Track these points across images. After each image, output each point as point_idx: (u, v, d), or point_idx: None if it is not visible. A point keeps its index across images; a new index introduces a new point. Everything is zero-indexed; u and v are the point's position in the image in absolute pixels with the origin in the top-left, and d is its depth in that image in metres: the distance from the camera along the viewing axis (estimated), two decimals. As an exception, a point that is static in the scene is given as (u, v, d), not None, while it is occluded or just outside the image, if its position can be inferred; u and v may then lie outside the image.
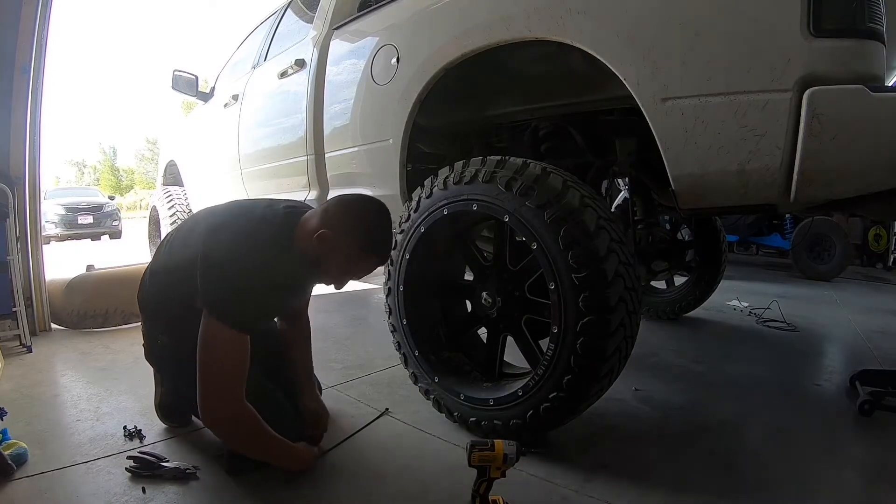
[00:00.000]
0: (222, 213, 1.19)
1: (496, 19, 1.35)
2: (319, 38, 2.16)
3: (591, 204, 1.14)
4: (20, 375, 1.79)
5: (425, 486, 1.11)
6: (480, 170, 1.25)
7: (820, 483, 1.15)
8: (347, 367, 1.88)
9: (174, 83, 3.18)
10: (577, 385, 1.12)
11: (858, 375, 1.65)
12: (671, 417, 1.50)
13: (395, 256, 1.46)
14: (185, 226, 1.26)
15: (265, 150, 2.56)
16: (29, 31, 2.23)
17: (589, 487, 1.11)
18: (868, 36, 0.93)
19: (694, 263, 2.57)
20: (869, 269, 5.06)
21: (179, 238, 1.23)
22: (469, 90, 1.68)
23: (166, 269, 1.21)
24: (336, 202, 1.16)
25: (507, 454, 0.89)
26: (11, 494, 1.06)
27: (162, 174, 4.17)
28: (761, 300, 3.05)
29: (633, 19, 1.11)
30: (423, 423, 1.42)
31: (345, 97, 1.97)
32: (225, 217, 1.16)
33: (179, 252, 1.18)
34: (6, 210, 2.17)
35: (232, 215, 1.17)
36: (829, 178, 0.95)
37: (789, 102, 0.94)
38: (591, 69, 1.30)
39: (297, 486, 1.11)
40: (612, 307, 1.08)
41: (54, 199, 9.65)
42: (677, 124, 1.07)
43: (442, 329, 1.49)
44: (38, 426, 1.37)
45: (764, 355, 2.15)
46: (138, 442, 1.29)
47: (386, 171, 1.78)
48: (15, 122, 2.25)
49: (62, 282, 2.50)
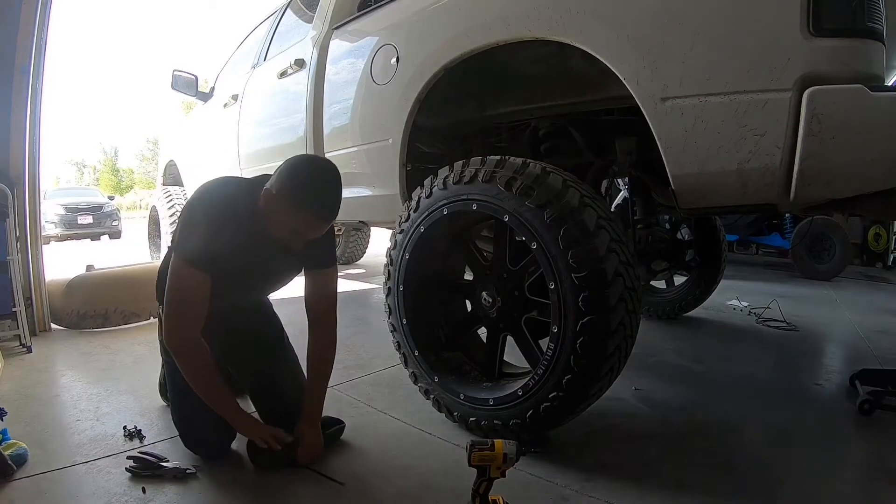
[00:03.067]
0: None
1: (496, 19, 1.35)
2: (319, 38, 2.16)
3: (591, 204, 1.14)
4: (20, 375, 1.79)
5: (425, 486, 1.11)
6: (480, 170, 1.25)
7: (820, 483, 1.15)
8: (347, 367, 1.88)
9: (174, 83, 3.18)
10: (577, 385, 1.12)
11: (858, 375, 1.65)
12: (671, 417, 1.50)
13: (395, 256, 1.46)
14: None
15: (265, 150, 2.56)
16: (29, 31, 2.23)
17: (589, 487, 1.11)
18: (868, 36, 0.93)
19: (694, 263, 2.57)
20: (869, 269, 5.06)
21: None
22: (469, 90, 1.68)
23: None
24: (284, 163, 1.17)
25: (507, 454, 0.89)
26: (11, 494, 1.06)
27: (162, 174, 4.17)
28: (761, 300, 3.05)
29: (632, 19, 1.11)
30: (423, 423, 1.42)
31: (344, 97, 1.97)
32: (206, 183, 1.22)
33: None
34: (6, 210, 2.17)
35: (212, 181, 1.23)
36: (829, 177, 0.95)
37: (789, 102, 0.94)
38: (590, 69, 1.30)
39: (297, 487, 1.11)
40: (612, 307, 1.08)
41: (54, 199, 9.64)
42: (677, 124, 1.07)
43: (442, 329, 1.49)
44: (38, 426, 1.37)
45: (764, 355, 2.15)
46: (138, 442, 1.29)
47: (386, 171, 1.78)
48: (15, 121, 2.25)
49: (62, 282, 2.50)
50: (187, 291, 1.12)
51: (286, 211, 1.12)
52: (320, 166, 1.18)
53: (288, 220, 1.13)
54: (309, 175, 1.14)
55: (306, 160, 1.22)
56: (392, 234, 1.49)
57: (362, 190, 1.96)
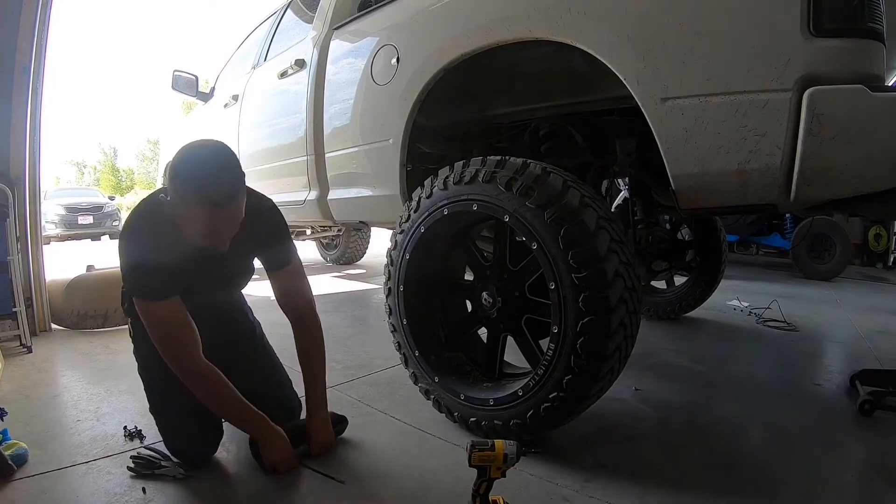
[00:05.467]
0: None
1: (496, 19, 1.35)
2: (319, 38, 2.16)
3: (591, 204, 1.14)
4: (20, 376, 1.79)
5: (426, 486, 1.11)
6: (480, 170, 1.25)
7: (820, 483, 1.15)
8: (348, 367, 1.88)
9: (174, 83, 3.18)
10: (578, 385, 1.12)
11: (858, 375, 1.65)
12: (671, 417, 1.50)
13: (395, 257, 1.46)
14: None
15: (265, 151, 2.56)
16: (29, 31, 2.23)
17: (589, 487, 1.11)
18: (868, 36, 0.93)
19: (694, 263, 2.57)
20: (869, 269, 5.06)
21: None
22: (469, 90, 1.68)
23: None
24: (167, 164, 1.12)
25: (507, 454, 0.89)
26: (11, 495, 1.06)
27: (162, 174, 4.17)
28: (761, 300, 3.05)
29: (632, 19, 1.11)
30: (423, 423, 1.42)
31: (345, 97, 1.97)
32: (128, 215, 1.18)
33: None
34: (6, 210, 2.18)
35: (132, 211, 1.18)
36: (829, 177, 0.95)
37: (789, 102, 0.94)
38: (591, 69, 1.30)
39: (297, 486, 1.11)
40: (612, 307, 1.08)
41: (54, 200, 9.66)
42: (677, 124, 1.07)
43: (442, 329, 1.49)
44: (39, 426, 1.38)
45: (764, 355, 2.15)
46: (138, 442, 1.29)
47: (386, 171, 1.78)
48: (15, 122, 2.26)
49: (62, 282, 2.50)
50: (168, 324, 1.08)
51: (185, 215, 1.04)
52: (193, 152, 1.05)
53: (192, 222, 1.04)
54: (185, 167, 1.02)
55: (179, 152, 1.05)
56: (392, 235, 1.49)
57: (362, 190, 1.96)
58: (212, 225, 1.05)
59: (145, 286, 1.08)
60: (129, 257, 1.09)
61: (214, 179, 1.01)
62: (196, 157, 1.04)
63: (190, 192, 1.01)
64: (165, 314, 1.08)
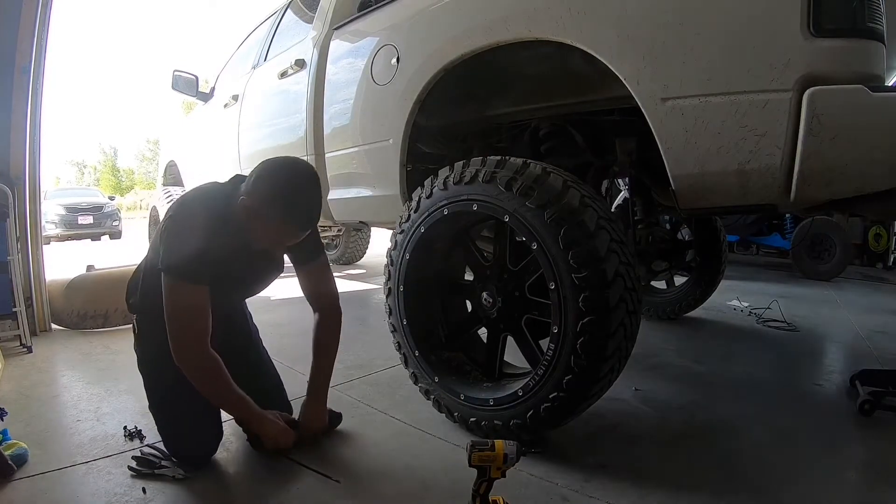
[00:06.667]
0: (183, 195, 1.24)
1: (496, 19, 1.35)
2: (319, 39, 2.16)
3: (591, 204, 1.14)
4: (20, 376, 1.79)
5: (426, 486, 1.11)
6: (480, 170, 1.25)
7: (820, 483, 1.15)
8: (348, 367, 1.88)
9: (174, 83, 3.18)
10: (578, 385, 1.12)
11: (858, 375, 1.65)
12: (671, 417, 1.50)
13: (395, 257, 1.46)
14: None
15: (265, 150, 2.55)
16: (29, 31, 2.23)
17: (589, 487, 1.11)
18: (868, 36, 0.93)
19: (694, 263, 2.57)
20: (869, 269, 5.06)
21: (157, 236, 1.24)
22: (469, 90, 1.68)
23: (150, 268, 1.21)
24: (259, 168, 1.15)
25: (507, 454, 0.89)
26: (11, 495, 1.06)
27: (162, 174, 4.18)
28: (761, 300, 3.05)
29: (633, 19, 1.11)
30: (423, 423, 1.42)
31: (345, 97, 1.97)
32: (183, 196, 1.22)
33: (154, 249, 1.20)
34: (6, 210, 2.17)
35: (189, 193, 1.22)
36: (829, 177, 0.95)
37: (789, 102, 0.94)
38: (591, 69, 1.30)
39: (297, 486, 1.11)
40: (612, 307, 1.08)
41: (54, 200, 9.65)
42: (677, 124, 1.07)
43: (442, 329, 1.49)
44: (39, 426, 1.38)
45: (764, 355, 2.15)
46: (138, 442, 1.29)
47: (386, 171, 1.78)
48: (15, 122, 2.25)
49: (62, 282, 2.50)
50: (190, 308, 1.10)
51: (269, 223, 1.12)
52: (299, 173, 1.15)
53: (270, 231, 1.13)
54: (288, 184, 1.12)
55: (283, 167, 1.16)
56: (392, 235, 1.49)
57: (362, 190, 1.96)
58: (284, 239, 1.17)
59: (185, 265, 1.09)
60: (177, 235, 1.11)
61: (306, 209, 1.14)
62: (298, 178, 1.14)
63: (280, 209, 1.10)
64: (192, 297, 1.10)
